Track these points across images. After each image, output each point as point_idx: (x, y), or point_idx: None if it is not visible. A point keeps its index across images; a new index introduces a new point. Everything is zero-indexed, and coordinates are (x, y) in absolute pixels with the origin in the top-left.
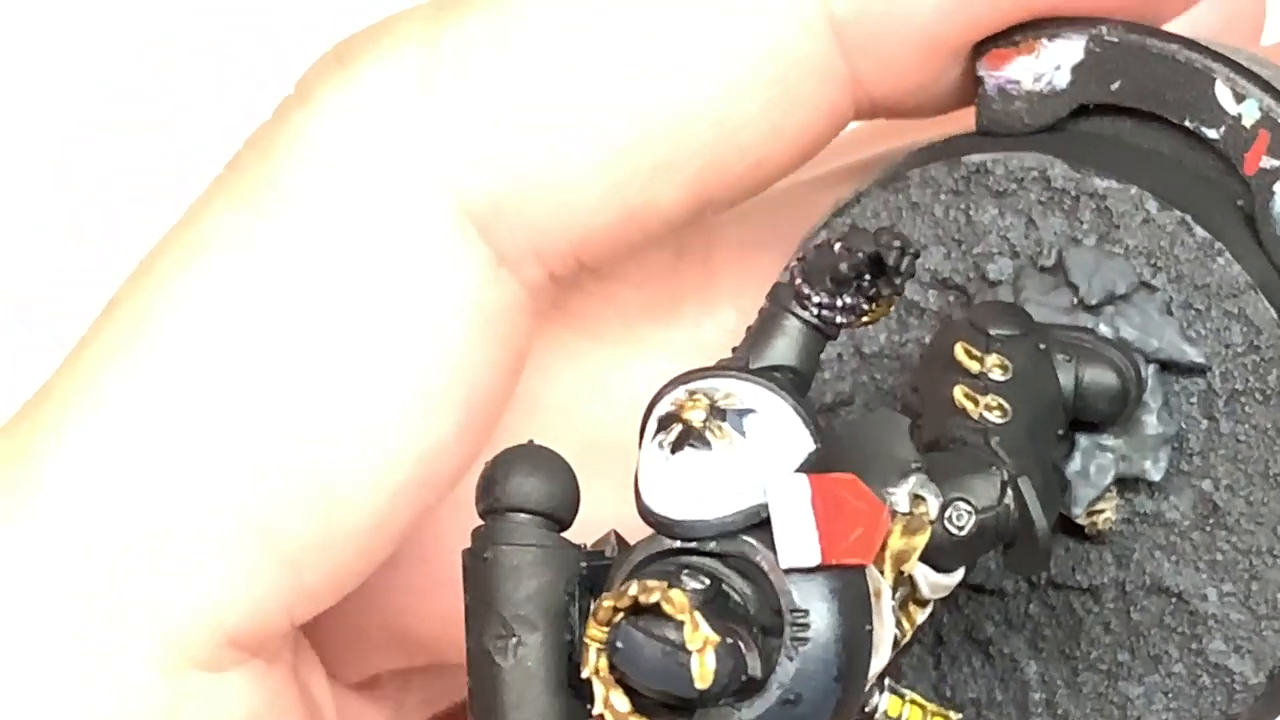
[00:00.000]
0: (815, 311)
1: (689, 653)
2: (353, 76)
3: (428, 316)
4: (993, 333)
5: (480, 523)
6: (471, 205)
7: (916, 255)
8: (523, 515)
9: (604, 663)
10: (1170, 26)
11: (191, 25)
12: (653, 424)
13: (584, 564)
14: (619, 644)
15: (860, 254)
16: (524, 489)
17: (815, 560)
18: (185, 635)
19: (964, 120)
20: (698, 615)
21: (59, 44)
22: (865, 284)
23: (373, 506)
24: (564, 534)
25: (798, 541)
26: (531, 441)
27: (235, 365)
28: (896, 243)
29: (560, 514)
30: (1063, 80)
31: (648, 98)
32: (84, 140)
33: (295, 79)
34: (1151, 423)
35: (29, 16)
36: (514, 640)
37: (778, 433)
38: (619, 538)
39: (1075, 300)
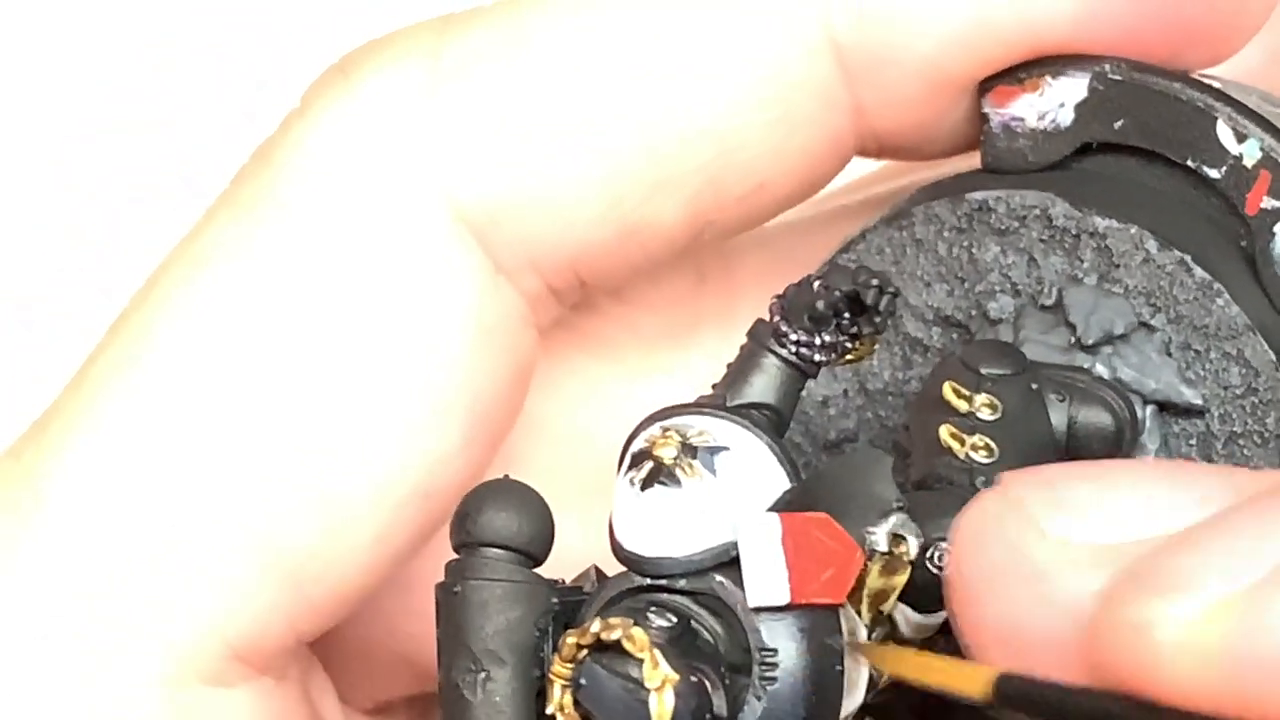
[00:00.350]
0: (793, 349)
1: (649, 690)
2: (354, 87)
3: (426, 324)
4: (984, 372)
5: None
6: (468, 213)
7: (896, 294)
8: (494, 550)
9: (568, 699)
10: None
11: (191, 25)
12: (626, 460)
13: (556, 600)
14: (583, 681)
15: (837, 292)
16: (495, 524)
17: (784, 599)
18: (189, 650)
19: (975, 157)
20: (657, 653)
21: (59, 44)
22: (845, 322)
23: (376, 519)
24: (539, 568)
25: (766, 580)
26: (507, 476)
27: (235, 378)
28: (874, 281)
29: (533, 549)
30: (1066, 118)
31: (649, 114)
32: (84, 140)
33: (295, 79)
34: None
35: (29, 16)
36: (482, 675)
37: (750, 471)
38: (599, 572)
39: (1072, 340)
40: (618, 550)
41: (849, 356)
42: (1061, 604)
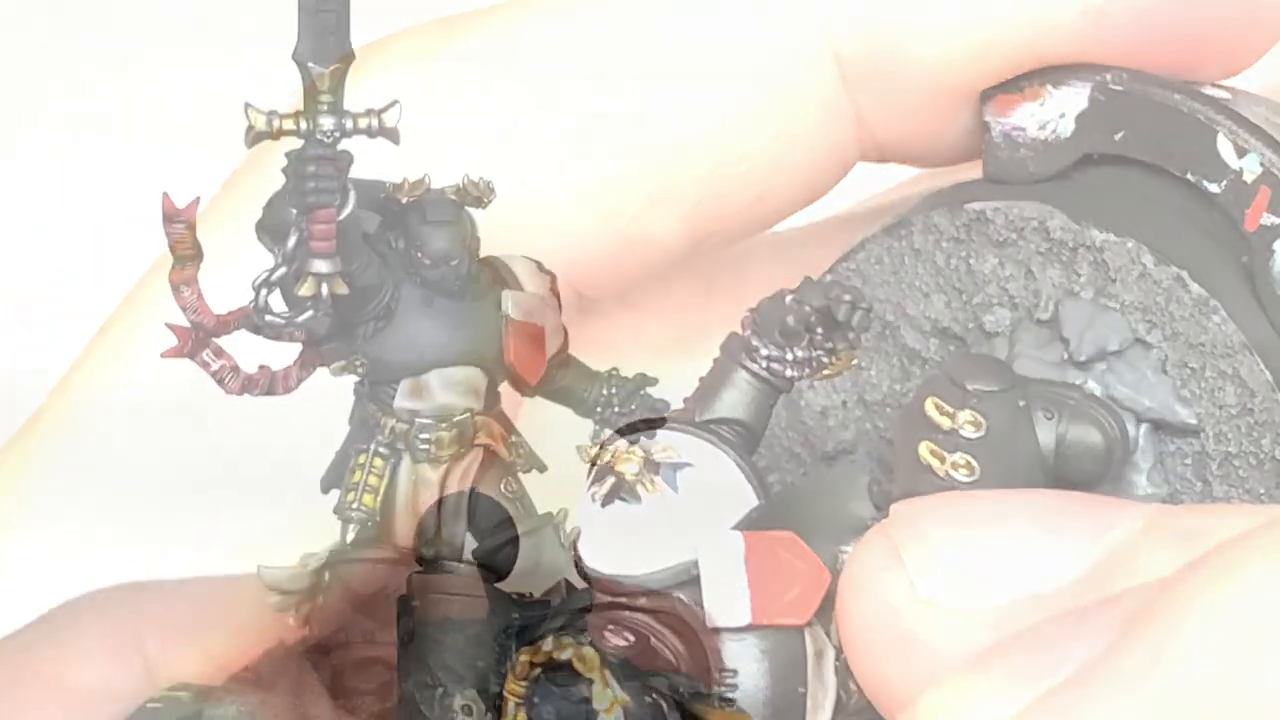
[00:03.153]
0: (763, 364)
1: (599, 711)
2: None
3: None
4: (970, 388)
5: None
6: None
7: (869, 310)
8: (455, 564)
9: (522, 717)
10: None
11: (191, 25)
12: (592, 475)
13: (517, 614)
14: (536, 699)
15: (808, 308)
16: (457, 538)
17: (745, 620)
18: (171, 664)
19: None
20: (608, 674)
21: (58, 44)
22: (818, 337)
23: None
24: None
25: (727, 600)
26: (473, 489)
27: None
28: (847, 297)
29: (496, 563)
30: (1067, 128)
31: (646, 128)
32: (84, 140)
33: (295, 79)
34: (1141, 483)
35: (29, 16)
36: (440, 691)
37: (715, 488)
38: (569, 586)
39: (1066, 355)
40: (579, 566)
41: (825, 372)
42: (925, 672)
